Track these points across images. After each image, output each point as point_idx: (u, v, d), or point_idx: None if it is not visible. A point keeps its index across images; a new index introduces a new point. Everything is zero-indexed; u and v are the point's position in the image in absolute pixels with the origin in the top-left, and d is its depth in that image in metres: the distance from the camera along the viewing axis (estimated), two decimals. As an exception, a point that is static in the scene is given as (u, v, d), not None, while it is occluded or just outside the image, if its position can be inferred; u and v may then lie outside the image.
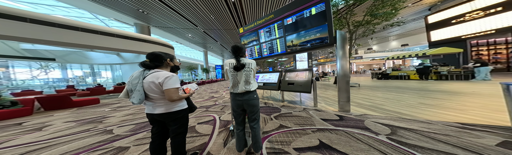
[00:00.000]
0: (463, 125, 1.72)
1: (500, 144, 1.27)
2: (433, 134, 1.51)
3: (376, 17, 5.99)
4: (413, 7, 11.76)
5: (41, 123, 2.74)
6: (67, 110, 4.00)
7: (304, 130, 1.78)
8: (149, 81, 0.98)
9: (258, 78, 4.14)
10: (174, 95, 0.98)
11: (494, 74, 7.56)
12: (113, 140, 1.77)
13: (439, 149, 1.23)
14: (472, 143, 1.30)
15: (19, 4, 9.56)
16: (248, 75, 1.24)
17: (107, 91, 7.69)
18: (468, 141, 1.35)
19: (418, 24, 16.21)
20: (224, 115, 2.67)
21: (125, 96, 1.04)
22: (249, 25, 4.25)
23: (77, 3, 8.15)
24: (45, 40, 5.61)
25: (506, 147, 1.22)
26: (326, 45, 2.60)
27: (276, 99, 4.05)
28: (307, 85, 2.92)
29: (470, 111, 2.23)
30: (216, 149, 1.41)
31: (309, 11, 2.73)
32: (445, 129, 1.63)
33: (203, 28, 13.38)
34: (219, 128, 1.99)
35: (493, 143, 1.29)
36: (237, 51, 1.26)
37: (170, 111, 1.05)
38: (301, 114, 2.45)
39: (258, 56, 4.25)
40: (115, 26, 12.91)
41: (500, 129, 1.57)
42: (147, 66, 1.04)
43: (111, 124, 2.44)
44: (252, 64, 1.27)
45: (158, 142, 1.12)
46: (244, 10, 10.11)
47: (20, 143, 1.83)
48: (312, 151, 1.30)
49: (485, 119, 1.87)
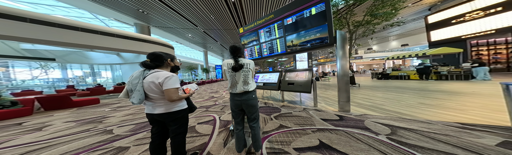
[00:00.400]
0: (463, 125, 1.72)
1: (500, 144, 1.27)
2: (433, 134, 1.51)
3: (376, 17, 5.99)
4: (413, 7, 11.75)
5: (41, 123, 2.74)
6: (67, 110, 4.00)
7: (304, 130, 1.78)
8: (149, 81, 0.98)
9: (258, 77, 4.14)
10: (173, 95, 0.98)
11: (494, 74, 7.57)
12: (113, 140, 1.77)
13: (439, 149, 1.23)
14: (472, 143, 1.30)
15: (19, 4, 9.56)
16: (247, 76, 1.24)
17: (107, 91, 7.69)
18: (468, 141, 1.35)
19: (418, 24, 16.20)
20: (224, 115, 2.67)
21: (125, 96, 1.04)
22: (249, 25, 4.25)
23: (77, 3, 8.14)
24: (45, 40, 5.61)
25: (506, 147, 1.22)
26: (326, 45, 2.60)
27: (276, 99, 4.05)
28: (307, 85, 2.92)
29: (470, 111, 2.23)
30: (216, 149, 1.41)
31: (309, 11, 2.73)
32: (445, 129, 1.63)
33: (203, 28, 13.38)
34: (219, 128, 1.99)
35: (493, 143, 1.29)
36: (235, 52, 1.25)
37: (170, 111, 1.05)
38: (301, 114, 2.45)
39: (258, 56, 4.25)
40: (115, 26, 12.90)
41: (500, 129, 1.57)
42: (148, 66, 1.04)
43: (111, 124, 2.44)
44: (251, 64, 1.27)
45: (158, 142, 1.12)
46: (244, 10, 10.11)
47: (20, 143, 1.83)
48: (312, 151, 1.30)
49: (485, 119, 1.87)
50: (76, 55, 12.52)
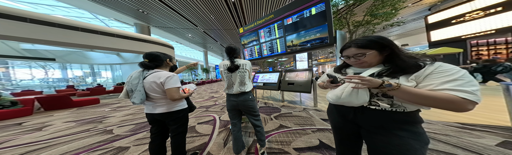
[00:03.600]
0: (463, 125, 1.72)
1: (500, 144, 1.27)
2: (433, 134, 1.51)
3: (376, 17, 6.01)
4: (413, 7, 11.74)
5: (41, 123, 2.74)
6: (67, 110, 4.00)
7: (304, 130, 1.78)
8: (150, 81, 0.98)
9: (258, 77, 4.14)
10: (175, 94, 0.99)
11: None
12: (113, 140, 1.77)
13: (439, 149, 1.23)
14: (472, 143, 1.30)
15: (19, 4, 9.56)
16: (243, 77, 1.23)
17: (107, 91, 7.69)
18: (468, 141, 1.35)
19: (418, 24, 16.18)
20: (224, 115, 2.67)
21: (125, 96, 1.04)
22: (249, 25, 4.25)
23: (77, 3, 8.14)
24: (45, 40, 5.61)
25: (506, 147, 1.22)
26: (326, 45, 2.61)
27: (276, 99, 4.05)
28: (307, 84, 2.92)
29: (470, 111, 2.23)
30: (216, 149, 1.41)
31: (309, 11, 2.74)
32: (445, 129, 1.63)
33: (203, 28, 13.38)
34: (219, 128, 1.99)
35: (493, 143, 1.29)
36: (231, 53, 1.24)
37: (171, 110, 1.05)
38: (301, 114, 2.45)
39: (258, 56, 4.25)
40: (115, 26, 12.90)
41: (500, 129, 1.57)
42: (147, 66, 1.04)
43: (111, 124, 2.44)
44: (247, 65, 1.25)
45: (157, 142, 1.12)
46: (244, 10, 10.11)
47: (20, 143, 1.83)
48: (312, 151, 1.30)
49: (485, 119, 1.87)
50: (76, 55, 12.52)
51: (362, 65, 0.66)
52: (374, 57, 0.61)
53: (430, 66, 0.53)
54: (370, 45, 0.60)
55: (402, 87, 0.51)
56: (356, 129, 0.71)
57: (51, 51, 11.20)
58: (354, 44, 0.62)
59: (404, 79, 0.55)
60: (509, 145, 1.26)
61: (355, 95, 0.62)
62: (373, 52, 0.60)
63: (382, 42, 0.59)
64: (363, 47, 0.61)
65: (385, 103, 0.60)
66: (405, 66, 0.56)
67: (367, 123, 0.65)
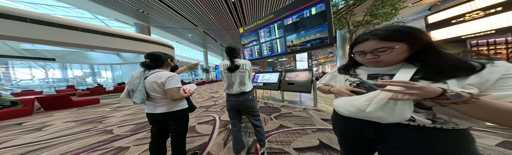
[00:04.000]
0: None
1: (500, 144, 1.27)
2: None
3: (376, 17, 6.01)
4: (413, 7, 11.73)
5: (41, 123, 2.74)
6: (67, 110, 4.00)
7: (304, 130, 1.78)
8: (151, 81, 0.99)
9: (258, 77, 4.14)
10: (176, 94, 0.99)
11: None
12: (113, 140, 1.77)
13: (439, 149, 1.23)
14: (472, 143, 1.30)
15: (19, 4, 9.56)
16: (243, 77, 1.23)
17: (107, 91, 7.69)
18: (468, 141, 1.35)
19: (418, 24, 16.13)
20: (224, 115, 2.67)
21: (126, 96, 1.05)
22: (249, 25, 4.25)
23: (77, 3, 8.14)
24: (45, 40, 5.61)
25: (506, 147, 1.22)
26: (326, 45, 2.61)
27: (276, 99, 4.05)
28: (307, 85, 2.92)
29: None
30: (216, 149, 1.41)
31: (309, 11, 2.74)
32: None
33: (203, 28, 13.38)
34: (219, 128, 1.99)
35: (493, 143, 1.29)
36: (231, 53, 1.24)
37: (172, 110, 1.06)
38: (301, 114, 2.45)
39: (258, 56, 4.26)
40: (115, 26, 12.90)
41: (500, 129, 1.57)
42: (149, 66, 1.04)
43: (111, 124, 2.44)
44: (247, 65, 1.25)
45: (157, 142, 1.12)
46: (244, 10, 10.11)
47: (20, 143, 1.83)
48: (312, 151, 1.30)
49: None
50: (76, 55, 12.52)
51: (378, 64, 0.51)
52: (401, 53, 0.45)
53: (494, 68, 0.37)
54: (399, 36, 0.43)
55: (482, 99, 0.34)
56: (373, 145, 0.54)
57: (51, 51, 11.20)
58: (375, 36, 0.46)
59: (455, 84, 0.39)
60: (509, 145, 1.26)
61: (391, 109, 0.42)
62: (402, 45, 0.43)
63: (415, 33, 0.43)
64: (388, 40, 0.44)
65: (423, 116, 0.43)
66: (451, 67, 0.40)
67: (395, 144, 0.48)
